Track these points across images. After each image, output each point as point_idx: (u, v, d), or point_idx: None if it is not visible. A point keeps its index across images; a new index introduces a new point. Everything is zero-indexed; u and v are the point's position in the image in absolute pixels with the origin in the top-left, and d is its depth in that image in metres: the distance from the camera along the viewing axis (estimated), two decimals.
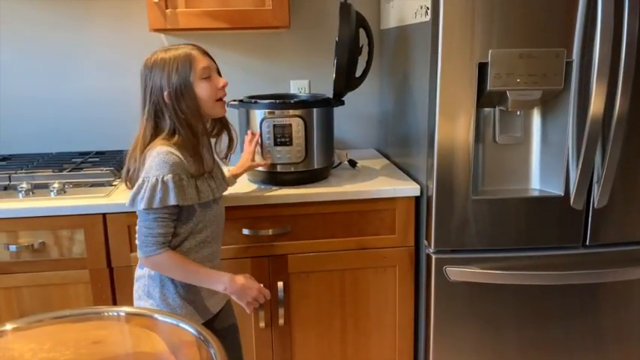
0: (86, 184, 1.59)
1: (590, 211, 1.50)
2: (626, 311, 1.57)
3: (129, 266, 1.51)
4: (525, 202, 1.49)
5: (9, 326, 0.80)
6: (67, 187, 1.55)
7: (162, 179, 1.14)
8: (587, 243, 1.52)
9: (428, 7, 1.44)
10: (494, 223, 1.49)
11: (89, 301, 1.53)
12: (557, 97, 1.45)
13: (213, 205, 1.27)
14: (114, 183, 1.61)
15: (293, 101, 1.60)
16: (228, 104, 1.40)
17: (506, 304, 1.54)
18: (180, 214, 1.21)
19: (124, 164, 1.27)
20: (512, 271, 1.51)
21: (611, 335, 1.59)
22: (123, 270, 1.52)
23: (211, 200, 1.26)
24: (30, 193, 1.52)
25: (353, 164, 1.81)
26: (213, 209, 1.27)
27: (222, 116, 1.31)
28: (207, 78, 1.21)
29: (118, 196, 1.51)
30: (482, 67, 1.39)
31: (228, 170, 1.47)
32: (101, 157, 1.84)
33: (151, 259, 1.19)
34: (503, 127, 1.52)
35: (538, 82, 1.40)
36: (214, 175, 1.29)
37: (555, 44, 1.39)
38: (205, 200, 1.23)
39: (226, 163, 1.38)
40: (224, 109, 1.25)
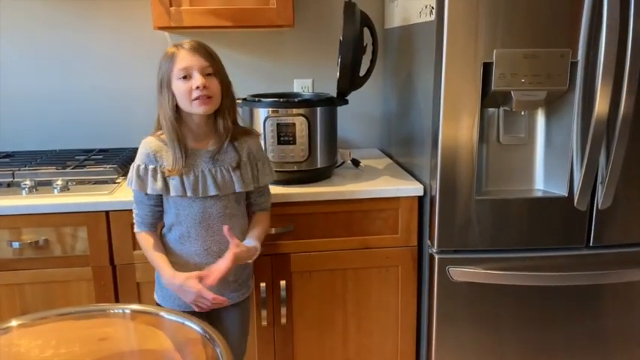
0: (89, 181, 1.59)
1: (594, 212, 1.49)
2: (630, 313, 1.57)
3: (131, 264, 1.52)
4: (529, 202, 1.49)
5: (14, 322, 0.80)
6: (70, 184, 1.55)
7: (134, 165, 1.28)
8: (591, 244, 1.52)
9: (433, 7, 1.44)
10: (497, 223, 1.49)
11: (91, 299, 1.53)
12: (562, 97, 1.45)
13: (194, 204, 1.28)
14: (117, 181, 1.61)
15: (297, 100, 1.60)
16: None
17: (509, 304, 1.54)
18: (164, 203, 1.32)
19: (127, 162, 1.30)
20: (516, 272, 1.51)
21: (615, 337, 1.59)
22: (125, 267, 1.52)
23: (191, 197, 1.26)
24: (33, 190, 1.52)
25: (356, 164, 1.81)
26: (193, 207, 1.28)
27: (230, 123, 1.29)
28: (184, 77, 1.23)
29: (121, 194, 1.51)
30: (487, 67, 1.39)
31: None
32: (104, 155, 1.84)
33: (136, 235, 1.35)
34: (507, 127, 1.52)
35: (543, 82, 1.40)
36: (208, 174, 1.27)
37: (560, 44, 1.39)
38: (177, 195, 1.26)
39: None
40: (202, 107, 1.24)
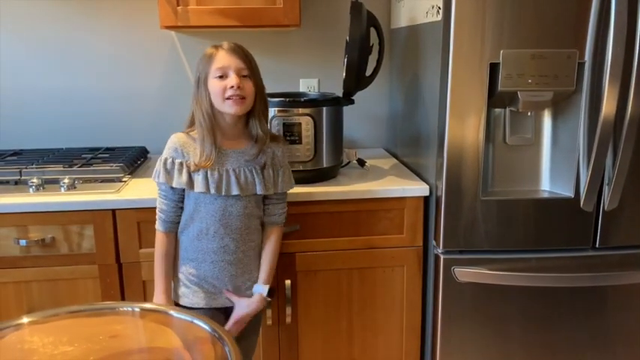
0: (96, 179, 1.60)
1: (600, 214, 1.49)
2: (635, 314, 1.57)
3: (137, 262, 1.52)
4: (535, 203, 1.49)
5: (25, 319, 0.81)
6: (77, 182, 1.56)
7: (162, 158, 1.31)
8: (597, 245, 1.51)
9: (439, 7, 1.44)
10: (503, 224, 1.49)
11: (97, 297, 1.53)
12: (569, 98, 1.44)
13: (216, 201, 1.30)
14: (124, 179, 1.62)
15: (303, 100, 1.60)
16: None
17: (514, 305, 1.54)
18: (185, 199, 1.33)
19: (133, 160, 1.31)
20: (521, 273, 1.51)
21: (620, 338, 1.58)
22: (131, 266, 1.52)
23: (213, 194, 1.28)
24: (40, 188, 1.53)
25: (362, 163, 1.81)
26: (215, 205, 1.30)
27: (265, 127, 1.34)
28: (220, 77, 1.26)
29: (127, 192, 1.52)
30: (494, 68, 1.39)
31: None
32: (111, 154, 1.84)
33: (156, 233, 1.35)
34: (513, 127, 1.52)
35: (549, 83, 1.40)
36: (232, 174, 1.29)
37: (567, 45, 1.38)
38: (200, 191, 1.27)
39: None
40: (234, 108, 1.26)
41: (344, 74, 1.60)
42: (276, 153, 1.36)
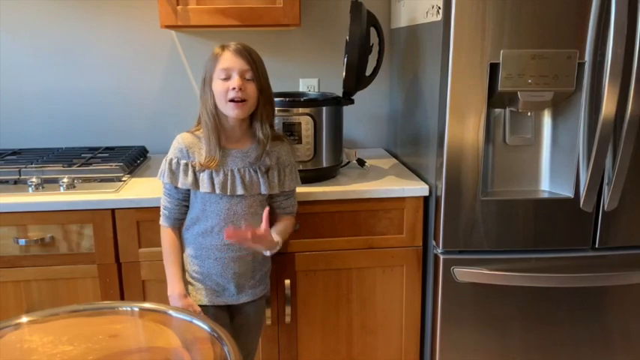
0: (95, 179, 1.60)
1: (600, 214, 1.49)
2: (635, 314, 1.57)
3: (137, 262, 1.52)
4: (535, 203, 1.49)
5: (25, 319, 0.81)
6: (76, 182, 1.56)
7: (167, 159, 1.31)
8: (597, 246, 1.51)
9: (439, 7, 1.44)
10: (502, 224, 1.49)
11: (97, 296, 1.53)
12: (569, 98, 1.44)
13: (221, 201, 1.30)
14: (123, 179, 1.62)
15: (303, 99, 1.60)
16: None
17: (514, 305, 1.54)
18: (191, 198, 1.34)
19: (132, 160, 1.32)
20: (520, 273, 1.51)
21: (620, 339, 1.58)
22: (131, 265, 1.52)
23: (218, 194, 1.29)
24: (40, 187, 1.53)
25: (362, 163, 1.81)
26: (220, 204, 1.31)
27: (268, 129, 1.32)
28: (224, 78, 1.26)
29: (127, 192, 1.52)
30: (494, 68, 1.39)
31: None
32: (110, 153, 1.84)
33: (160, 230, 1.36)
34: (513, 128, 1.52)
35: (549, 83, 1.40)
36: (237, 174, 1.30)
37: (567, 45, 1.38)
38: (206, 191, 1.28)
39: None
40: (235, 111, 1.27)
41: (344, 74, 1.60)
42: (281, 153, 1.36)
